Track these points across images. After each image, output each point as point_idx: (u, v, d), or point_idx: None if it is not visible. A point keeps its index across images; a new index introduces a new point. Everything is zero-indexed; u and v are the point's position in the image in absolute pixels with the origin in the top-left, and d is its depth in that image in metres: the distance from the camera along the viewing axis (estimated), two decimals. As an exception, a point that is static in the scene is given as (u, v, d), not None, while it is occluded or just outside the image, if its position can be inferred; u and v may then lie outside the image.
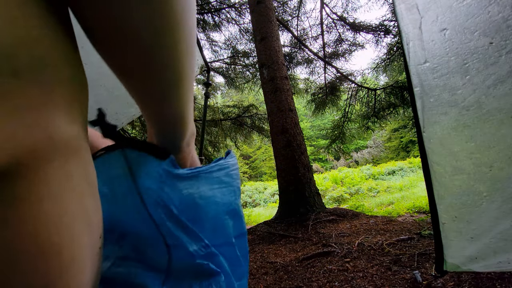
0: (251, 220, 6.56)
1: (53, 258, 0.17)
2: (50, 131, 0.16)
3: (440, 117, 1.12)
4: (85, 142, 0.20)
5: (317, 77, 8.11)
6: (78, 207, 0.19)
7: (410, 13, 1.21)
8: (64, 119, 0.17)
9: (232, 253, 0.42)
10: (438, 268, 1.20)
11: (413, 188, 7.67)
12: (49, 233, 0.16)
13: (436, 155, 1.14)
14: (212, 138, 5.96)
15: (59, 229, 0.17)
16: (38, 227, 0.16)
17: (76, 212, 0.19)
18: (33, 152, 0.15)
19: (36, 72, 0.15)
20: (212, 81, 8.32)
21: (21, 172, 0.15)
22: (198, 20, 6.28)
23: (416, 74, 1.18)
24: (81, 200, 0.19)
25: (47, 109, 0.16)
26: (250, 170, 22.59)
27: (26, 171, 0.15)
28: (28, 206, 0.15)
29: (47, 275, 0.17)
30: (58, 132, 0.16)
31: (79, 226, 0.19)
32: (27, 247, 0.16)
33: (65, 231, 0.18)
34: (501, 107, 0.95)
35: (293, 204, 3.72)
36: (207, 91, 2.40)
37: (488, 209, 1.00)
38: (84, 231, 0.20)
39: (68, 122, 0.17)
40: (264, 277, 2.01)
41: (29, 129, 0.15)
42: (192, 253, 0.33)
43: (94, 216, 0.22)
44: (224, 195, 0.42)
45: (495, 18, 0.96)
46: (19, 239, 0.15)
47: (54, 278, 0.17)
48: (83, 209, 0.20)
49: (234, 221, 0.43)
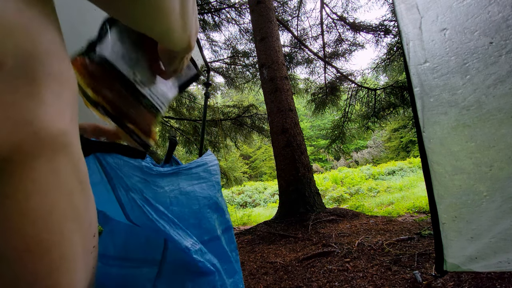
0: (251, 220, 6.56)
1: (42, 256, 0.17)
2: (36, 126, 0.15)
3: (440, 117, 1.12)
4: (75, 138, 0.20)
5: (317, 77, 8.11)
6: (67, 204, 0.19)
7: (410, 13, 1.21)
8: (51, 115, 0.16)
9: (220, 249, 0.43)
10: (438, 268, 1.20)
11: (413, 188, 7.67)
12: (37, 230, 0.16)
13: (436, 155, 1.14)
14: (212, 138, 5.96)
15: (47, 226, 0.17)
16: (25, 224, 0.16)
17: (65, 209, 0.18)
18: (19, 148, 0.15)
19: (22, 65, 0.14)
20: (212, 81, 8.32)
21: (7, 169, 0.15)
22: (198, 20, 6.28)
23: (416, 74, 1.18)
24: (71, 197, 0.19)
25: (34, 104, 0.15)
26: (250, 170, 22.59)
27: (11, 168, 0.15)
28: (15, 203, 0.15)
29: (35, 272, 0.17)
30: (45, 128, 0.16)
31: (69, 224, 0.19)
32: (14, 244, 0.15)
33: (54, 228, 0.17)
34: (501, 107, 0.95)
35: (293, 204, 3.72)
36: (207, 91, 2.40)
37: (488, 209, 1.00)
38: (74, 229, 0.19)
39: (55, 117, 0.17)
40: (264, 277, 2.01)
41: (15, 125, 0.14)
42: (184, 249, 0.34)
43: (86, 214, 0.21)
44: (204, 190, 0.43)
45: (495, 18, 0.96)
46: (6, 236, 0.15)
47: (42, 275, 0.17)
48: (73, 207, 0.19)
49: (217, 215, 0.45)
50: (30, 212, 0.16)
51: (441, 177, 1.12)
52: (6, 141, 0.14)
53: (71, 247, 0.19)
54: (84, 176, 0.21)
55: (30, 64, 0.15)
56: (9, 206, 0.15)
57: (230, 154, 14.75)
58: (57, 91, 0.17)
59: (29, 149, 0.15)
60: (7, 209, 0.15)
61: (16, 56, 0.14)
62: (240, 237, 3.32)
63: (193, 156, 6.13)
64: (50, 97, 0.16)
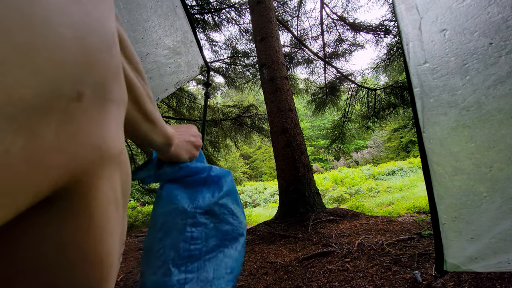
0: (251, 220, 6.56)
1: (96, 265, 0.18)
2: (103, 149, 0.17)
3: (440, 118, 1.12)
4: (126, 154, 0.21)
5: (317, 77, 8.10)
6: (117, 217, 0.20)
7: (410, 13, 1.21)
8: (113, 138, 0.18)
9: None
10: (438, 268, 1.20)
11: (413, 188, 7.67)
12: (94, 243, 0.18)
13: (436, 155, 1.14)
14: (212, 138, 5.96)
15: (102, 238, 0.18)
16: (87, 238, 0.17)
17: (115, 222, 0.20)
18: (89, 170, 0.16)
19: (95, 94, 0.15)
20: (212, 81, 8.32)
21: (77, 189, 0.16)
22: (198, 20, 6.28)
23: (416, 75, 1.19)
24: (118, 210, 0.20)
25: (102, 130, 0.16)
26: (250, 170, 22.59)
27: (81, 188, 0.16)
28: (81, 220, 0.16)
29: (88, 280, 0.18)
30: (109, 150, 0.17)
31: (116, 235, 0.20)
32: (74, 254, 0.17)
33: (107, 240, 0.19)
34: (501, 108, 0.95)
35: (293, 204, 3.72)
36: (207, 91, 2.41)
37: (488, 209, 1.01)
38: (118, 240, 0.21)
39: (116, 140, 0.18)
40: (264, 277, 2.01)
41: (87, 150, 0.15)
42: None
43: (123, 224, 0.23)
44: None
45: (495, 18, 0.96)
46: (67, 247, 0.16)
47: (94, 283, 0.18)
48: (118, 219, 0.21)
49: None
50: (92, 228, 0.17)
51: (441, 177, 1.12)
52: (79, 165, 0.15)
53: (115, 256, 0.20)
54: (129, 189, 0.23)
55: (101, 93, 0.16)
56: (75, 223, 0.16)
57: (230, 154, 14.75)
58: (116, 115, 0.18)
59: (96, 171, 0.17)
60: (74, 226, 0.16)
61: (92, 87, 0.15)
62: (240, 237, 3.32)
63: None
64: (113, 122, 0.18)
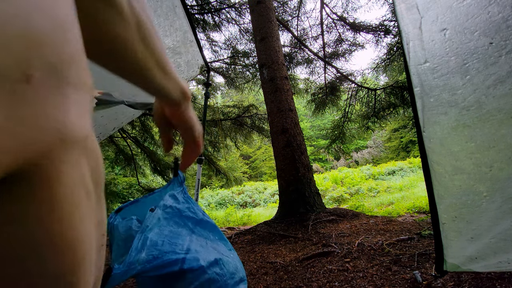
0: (251, 220, 6.56)
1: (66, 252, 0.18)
2: (63, 133, 0.16)
3: (440, 117, 1.12)
4: (94, 141, 0.21)
5: (317, 77, 8.10)
6: (89, 204, 0.20)
7: (410, 13, 1.21)
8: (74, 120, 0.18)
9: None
10: (438, 268, 1.20)
11: (413, 188, 7.67)
12: (63, 228, 0.18)
13: (436, 155, 1.14)
14: (212, 138, 5.96)
15: (71, 224, 0.18)
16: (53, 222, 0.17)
17: (86, 210, 0.20)
18: (48, 153, 0.16)
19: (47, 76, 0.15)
20: (212, 81, 8.32)
21: (37, 173, 0.16)
22: (198, 20, 6.28)
23: (416, 74, 1.18)
24: (89, 198, 0.20)
25: (60, 113, 0.16)
26: (250, 170, 22.58)
27: (41, 172, 0.16)
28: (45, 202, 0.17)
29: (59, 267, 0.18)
30: (70, 134, 0.17)
31: (89, 223, 0.20)
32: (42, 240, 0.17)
33: (78, 226, 0.19)
34: (501, 107, 0.95)
35: (293, 204, 3.71)
36: (207, 91, 2.40)
37: (488, 209, 1.00)
38: (92, 229, 0.21)
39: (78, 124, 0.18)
40: (264, 277, 2.01)
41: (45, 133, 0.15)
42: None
43: (99, 214, 0.23)
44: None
45: (495, 18, 0.96)
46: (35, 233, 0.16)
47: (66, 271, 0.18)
48: (91, 207, 0.21)
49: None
50: (57, 210, 0.17)
51: (441, 177, 1.12)
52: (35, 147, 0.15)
53: (91, 246, 0.20)
54: (100, 177, 0.23)
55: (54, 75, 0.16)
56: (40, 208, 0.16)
57: (230, 154, 14.74)
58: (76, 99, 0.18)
59: (57, 154, 0.17)
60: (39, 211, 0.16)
61: (42, 68, 0.15)
62: (240, 237, 3.32)
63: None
64: (72, 105, 0.18)
